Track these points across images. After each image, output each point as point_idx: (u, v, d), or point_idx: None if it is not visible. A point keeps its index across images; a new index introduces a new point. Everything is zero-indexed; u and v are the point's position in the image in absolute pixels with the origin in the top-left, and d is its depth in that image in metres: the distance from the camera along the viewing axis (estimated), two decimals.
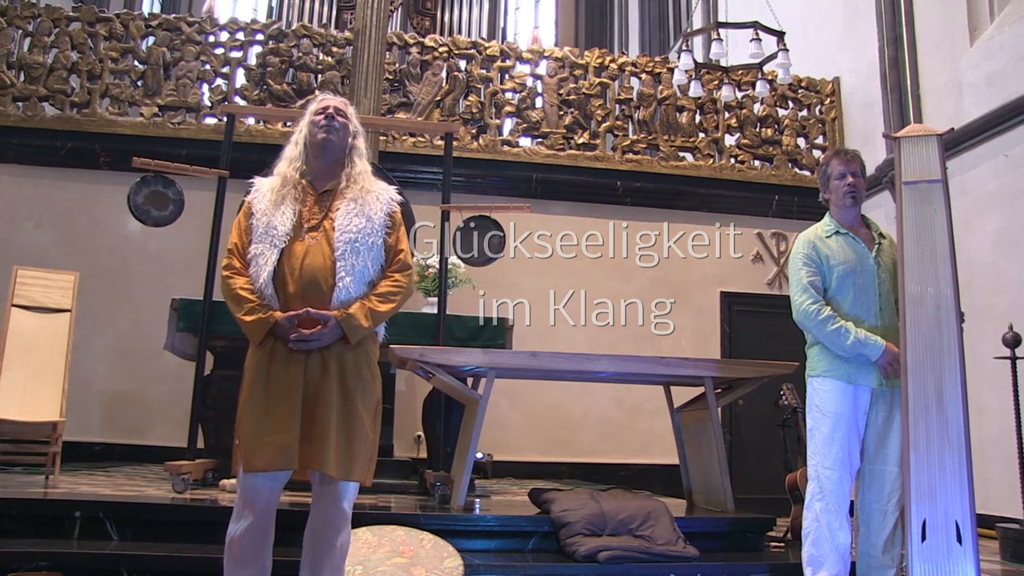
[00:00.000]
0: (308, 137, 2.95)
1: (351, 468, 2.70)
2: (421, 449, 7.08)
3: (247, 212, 2.91)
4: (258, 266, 2.79)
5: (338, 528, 2.80)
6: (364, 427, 2.75)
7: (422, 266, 6.65)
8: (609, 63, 8.63)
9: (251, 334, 2.78)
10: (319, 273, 2.77)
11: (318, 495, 2.81)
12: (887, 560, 3.47)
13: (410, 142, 8.02)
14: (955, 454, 3.31)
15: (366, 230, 2.85)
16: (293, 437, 2.64)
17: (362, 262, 2.82)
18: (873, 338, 3.45)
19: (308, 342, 2.71)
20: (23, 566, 3.48)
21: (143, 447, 7.09)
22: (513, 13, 18.81)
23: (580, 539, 3.93)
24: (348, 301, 2.78)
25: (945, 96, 7.04)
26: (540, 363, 4.69)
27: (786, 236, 8.44)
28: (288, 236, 2.80)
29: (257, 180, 3.00)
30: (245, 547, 2.73)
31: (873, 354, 3.43)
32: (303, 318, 2.71)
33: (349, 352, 2.78)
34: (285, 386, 2.70)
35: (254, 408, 2.71)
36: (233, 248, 2.87)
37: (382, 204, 2.94)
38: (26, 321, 5.19)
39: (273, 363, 2.73)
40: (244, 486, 2.75)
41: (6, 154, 7.45)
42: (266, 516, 2.78)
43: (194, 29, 8.03)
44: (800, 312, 3.61)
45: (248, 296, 2.77)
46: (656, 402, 5.68)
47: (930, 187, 3.56)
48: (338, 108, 2.97)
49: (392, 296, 2.86)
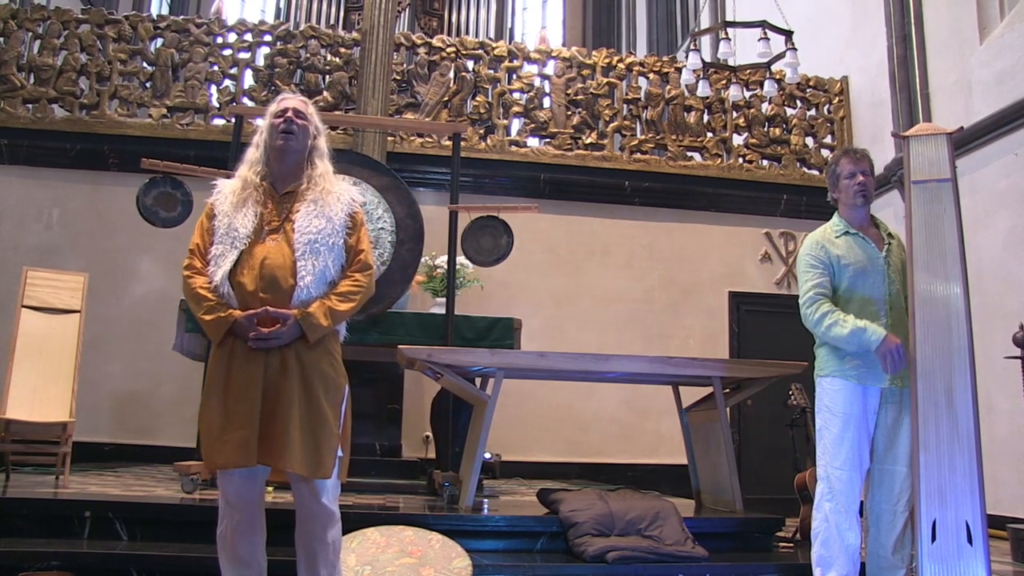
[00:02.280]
0: (268, 140, 2.96)
1: (317, 465, 2.71)
2: (429, 449, 7.10)
3: (209, 214, 2.94)
4: (216, 265, 2.82)
5: (325, 524, 2.81)
6: (328, 423, 2.76)
7: (430, 266, 6.67)
8: (617, 63, 8.63)
9: (211, 333, 2.80)
10: (279, 272, 2.79)
11: (297, 493, 2.82)
12: (897, 561, 3.46)
13: (418, 142, 8.02)
14: (965, 454, 3.30)
15: (326, 231, 2.86)
16: (252, 433, 2.66)
17: (322, 262, 2.84)
18: (873, 327, 3.41)
19: (267, 340, 2.72)
20: (34, 565, 3.49)
21: (152, 447, 7.12)
22: (521, 13, 18.83)
23: (589, 539, 3.92)
24: (308, 301, 2.80)
25: (954, 95, 7.01)
26: (548, 363, 4.69)
27: (794, 236, 8.42)
28: (249, 238, 2.82)
29: (220, 182, 3.03)
30: (235, 545, 2.78)
31: (873, 342, 3.38)
32: (262, 317, 2.73)
33: (309, 351, 2.79)
34: (244, 384, 2.72)
35: (214, 406, 2.74)
36: (195, 248, 2.90)
37: (343, 205, 2.95)
38: (36, 322, 5.21)
39: (233, 361, 2.76)
40: (221, 485, 2.79)
41: (17, 156, 7.49)
42: (250, 513, 2.81)
43: (202, 30, 8.05)
44: (802, 315, 3.62)
45: (207, 295, 2.80)
46: (664, 402, 5.67)
47: (939, 186, 3.55)
48: (297, 110, 2.96)
49: (352, 295, 2.88)
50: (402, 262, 5.44)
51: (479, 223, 5.77)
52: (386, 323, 5.39)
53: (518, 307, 7.21)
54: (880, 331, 3.39)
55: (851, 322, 3.42)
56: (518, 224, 5.95)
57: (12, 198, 7.49)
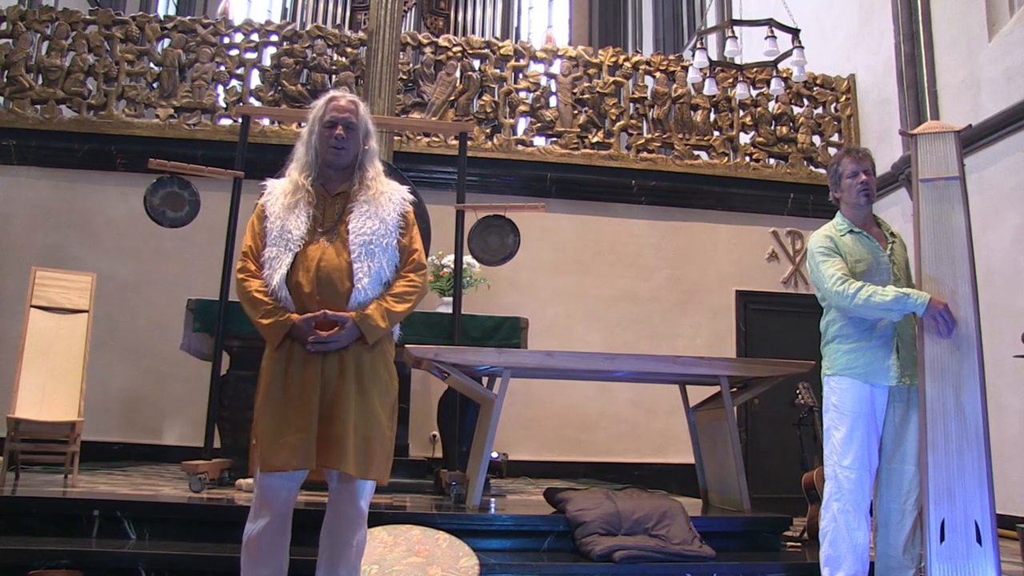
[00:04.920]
0: (319, 146, 2.92)
1: (369, 467, 2.71)
2: (436, 448, 7.10)
3: (260, 215, 2.91)
4: (272, 268, 2.79)
5: (355, 527, 2.81)
6: (382, 426, 2.77)
7: (437, 266, 6.66)
8: (623, 62, 8.62)
9: (269, 337, 2.78)
10: (335, 275, 2.78)
11: (335, 494, 2.82)
12: (907, 560, 3.44)
13: (424, 142, 8.03)
14: (974, 454, 3.29)
15: (380, 231, 2.85)
16: (310, 437, 2.66)
17: (377, 263, 2.82)
18: (915, 291, 3.38)
19: (326, 344, 2.71)
20: (45, 563, 3.51)
21: (160, 447, 7.15)
22: (527, 12, 18.83)
23: (595, 538, 3.92)
24: (365, 302, 2.78)
25: (962, 92, 6.98)
26: (555, 362, 4.69)
27: (801, 234, 8.40)
28: (303, 240, 2.81)
29: (270, 183, 3.00)
30: (262, 547, 2.75)
31: (919, 305, 3.33)
32: (320, 320, 2.72)
33: (366, 352, 2.78)
34: (303, 387, 2.71)
35: (272, 409, 2.72)
36: (248, 251, 2.87)
37: (395, 205, 2.94)
38: (44, 322, 5.22)
39: (291, 365, 2.74)
40: (261, 486, 2.77)
41: (25, 156, 7.52)
42: (283, 516, 2.80)
43: (209, 31, 8.08)
44: (833, 294, 3.47)
45: (264, 299, 2.78)
46: (672, 401, 5.67)
47: (948, 184, 3.53)
48: (347, 122, 2.90)
49: (408, 296, 2.87)
50: None
51: (486, 222, 5.77)
52: None
53: (525, 306, 7.21)
54: (924, 295, 3.37)
55: (891, 290, 3.38)
56: (525, 223, 5.95)
57: (21, 198, 7.52)
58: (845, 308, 3.49)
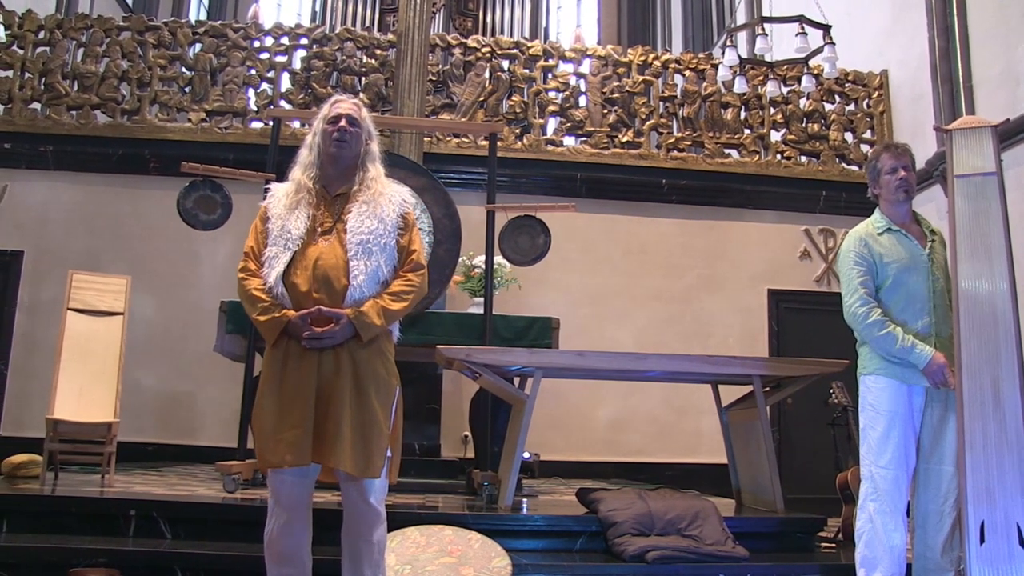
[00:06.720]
0: (321, 146, 2.99)
1: (368, 465, 2.74)
2: (468, 449, 7.11)
3: (263, 216, 2.99)
4: (270, 267, 2.86)
5: (370, 524, 2.84)
6: (379, 423, 2.79)
7: (468, 267, 6.68)
8: (652, 60, 8.57)
9: (265, 334, 2.85)
10: (332, 273, 2.83)
11: (345, 493, 2.86)
12: (945, 563, 3.39)
13: (454, 143, 8.04)
14: (1014, 453, 3.23)
15: (378, 231, 2.89)
16: (306, 432, 2.70)
17: (375, 262, 2.87)
18: (921, 346, 3.39)
19: (321, 340, 2.75)
20: (83, 562, 3.58)
21: (194, 447, 7.21)
22: (555, 12, 18.79)
23: (628, 539, 3.91)
24: (361, 300, 2.83)
25: (999, 86, 6.86)
26: (587, 363, 4.68)
27: (834, 232, 8.31)
28: (302, 239, 2.86)
29: (273, 185, 3.09)
30: (282, 545, 2.80)
31: (920, 362, 3.37)
32: (315, 316, 2.77)
33: (362, 350, 2.82)
34: (298, 384, 2.75)
35: (268, 406, 2.78)
36: (249, 251, 2.96)
37: (394, 206, 2.99)
38: (81, 324, 5.30)
39: (288, 362, 2.80)
40: (272, 484, 2.82)
41: (61, 161, 7.64)
42: (298, 513, 2.84)
43: (240, 35, 8.15)
44: (849, 314, 3.57)
45: (261, 296, 2.85)
46: (704, 401, 5.64)
47: (984, 180, 3.48)
48: (351, 116, 2.98)
49: (405, 295, 2.91)
50: (439, 262, 5.45)
51: (516, 223, 5.77)
52: (424, 323, 5.41)
53: (556, 306, 7.19)
54: (928, 351, 3.37)
55: (900, 337, 3.40)
56: (555, 223, 5.94)
57: (58, 203, 7.63)
58: (854, 328, 3.58)
